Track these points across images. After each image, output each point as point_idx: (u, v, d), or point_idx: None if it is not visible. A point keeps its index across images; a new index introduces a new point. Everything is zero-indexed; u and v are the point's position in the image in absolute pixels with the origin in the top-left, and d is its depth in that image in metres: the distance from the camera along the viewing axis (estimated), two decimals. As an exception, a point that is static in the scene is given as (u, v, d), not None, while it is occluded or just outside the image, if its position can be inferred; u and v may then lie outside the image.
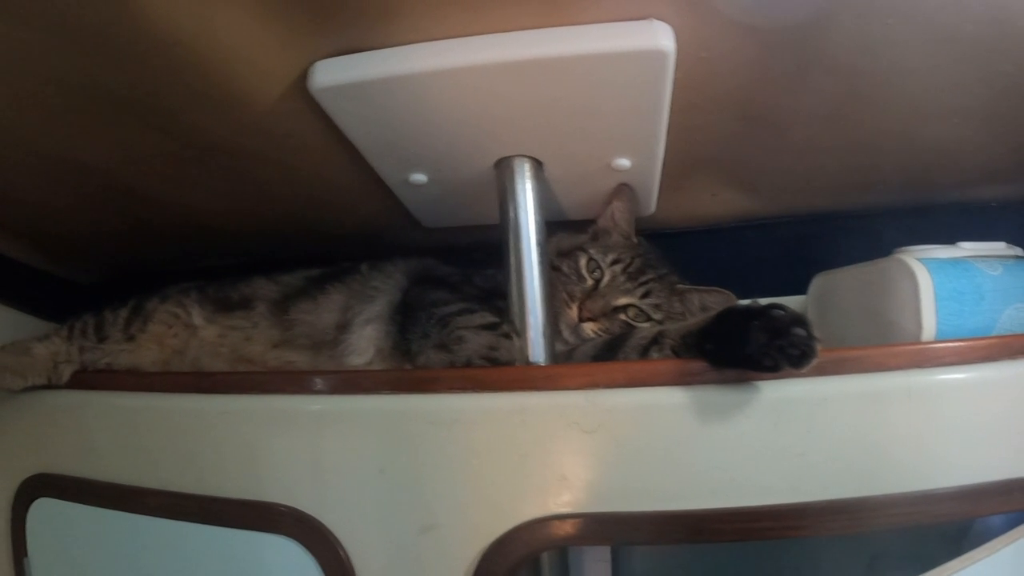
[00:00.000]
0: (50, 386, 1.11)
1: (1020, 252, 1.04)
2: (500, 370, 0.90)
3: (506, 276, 0.98)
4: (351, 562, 0.89)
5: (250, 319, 1.21)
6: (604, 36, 0.79)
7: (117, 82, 0.85)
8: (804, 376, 0.79)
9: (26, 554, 1.11)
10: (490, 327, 0.97)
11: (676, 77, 0.84)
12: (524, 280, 0.97)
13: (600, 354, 1.00)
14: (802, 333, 0.77)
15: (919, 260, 0.99)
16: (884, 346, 0.87)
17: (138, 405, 1.04)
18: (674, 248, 1.23)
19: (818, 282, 1.19)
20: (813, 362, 0.76)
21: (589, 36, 0.79)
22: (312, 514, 0.90)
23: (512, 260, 0.98)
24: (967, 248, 1.02)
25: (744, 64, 0.88)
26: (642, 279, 1.14)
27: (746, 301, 0.85)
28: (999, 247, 1.03)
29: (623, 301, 1.12)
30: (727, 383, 0.82)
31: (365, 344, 1.12)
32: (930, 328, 0.95)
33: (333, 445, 0.92)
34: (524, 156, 0.99)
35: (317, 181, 1.13)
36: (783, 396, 0.82)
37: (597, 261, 1.15)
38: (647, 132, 0.95)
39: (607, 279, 1.14)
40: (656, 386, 0.83)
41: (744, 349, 0.78)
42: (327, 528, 0.90)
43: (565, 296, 1.12)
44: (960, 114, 1.03)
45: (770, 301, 1.19)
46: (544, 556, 0.92)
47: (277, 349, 1.17)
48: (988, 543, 0.86)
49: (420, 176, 1.05)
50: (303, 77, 0.85)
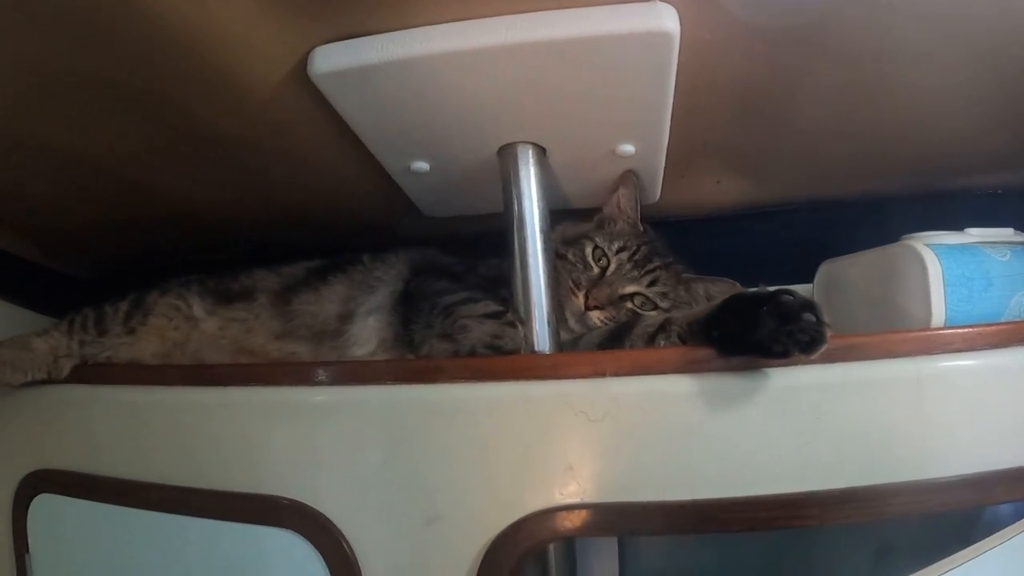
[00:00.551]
0: (50, 381, 1.10)
1: (1027, 238, 1.03)
2: (504, 359, 0.89)
3: (510, 264, 0.97)
4: (355, 555, 0.88)
5: (251, 310, 1.20)
6: (608, 18, 0.77)
7: (113, 71, 0.84)
8: (812, 363, 0.78)
9: (27, 550, 1.10)
10: (494, 316, 0.96)
11: (680, 60, 0.83)
12: (528, 268, 0.96)
13: (606, 342, 0.99)
14: (812, 319, 0.76)
15: (927, 246, 0.98)
16: (893, 332, 0.86)
17: (139, 399, 1.03)
18: (678, 237, 1.22)
19: (824, 270, 1.18)
20: (823, 348, 0.76)
21: (593, 18, 0.78)
22: (315, 507, 0.89)
23: (516, 248, 0.97)
24: (975, 234, 1.02)
25: (748, 47, 0.87)
26: (648, 267, 1.13)
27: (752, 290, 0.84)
28: (1007, 233, 1.03)
29: (630, 289, 1.11)
30: (735, 371, 0.82)
31: (368, 335, 1.11)
32: (939, 314, 0.95)
33: (336, 437, 0.91)
34: (527, 143, 0.98)
35: (318, 171, 1.12)
36: (791, 383, 0.81)
37: (603, 249, 1.15)
38: (651, 117, 0.94)
39: (613, 267, 1.13)
40: (663, 374, 0.83)
41: (753, 335, 0.78)
42: (330, 521, 0.89)
43: (571, 284, 1.12)
44: (966, 99, 1.02)
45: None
46: (551, 548, 0.91)
47: (279, 340, 1.16)
48: (998, 532, 0.85)
49: (422, 164, 1.04)
50: (303, 63, 0.83)
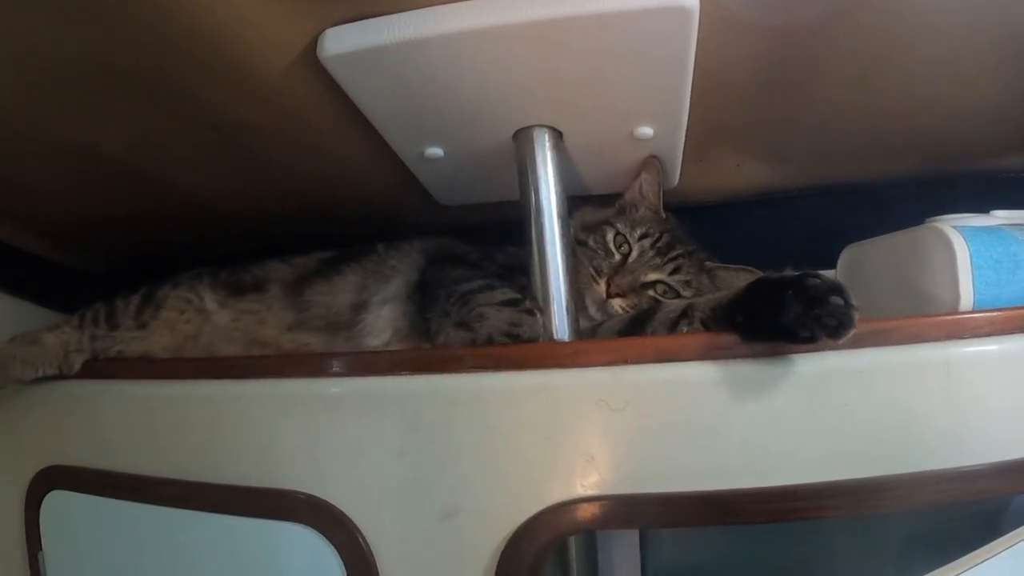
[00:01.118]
0: (61, 376, 1.09)
1: (1054, 220, 1.01)
2: (523, 347, 0.87)
3: (527, 251, 0.96)
4: (371, 549, 0.87)
5: (264, 302, 1.19)
6: (624, -7, 0.75)
7: (120, 57, 0.83)
8: (839, 348, 0.76)
9: (40, 548, 1.09)
10: (512, 303, 0.94)
11: (699, 38, 0.81)
12: (546, 255, 0.94)
13: (627, 329, 0.97)
14: (839, 302, 0.74)
15: (955, 228, 0.95)
16: (921, 316, 0.84)
17: (151, 393, 1.02)
18: (697, 223, 1.20)
19: (847, 255, 1.16)
20: (851, 332, 0.74)
21: (608, -7, 0.76)
22: (330, 501, 0.88)
23: (533, 234, 0.95)
24: (1001, 216, 1.00)
25: (767, 22, 0.85)
26: (671, 255, 1.12)
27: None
28: (1033, 215, 1.00)
29: (652, 277, 1.10)
30: (759, 357, 0.79)
31: (383, 324, 1.10)
32: (967, 298, 0.92)
33: (350, 429, 0.89)
34: (544, 126, 0.96)
35: (329, 158, 1.10)
36: (817, 370, 0.79)
37: (625, 235, 1.13)
38: (670, 97, 0.92)
39: (635, 254, 1.12)
40: (686, 361, 0.81)
41: (778, 320, 0.76)
42: (345, 515, 0.87)
43: (592, 271, 1.10)
44: (990, 76, 1.00)
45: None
46: (571, 541, 0.89)
47: (292, 332, 1.15)
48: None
49: (436, 150, 1.03)
50: (313, 46, 0.82)
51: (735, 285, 1.07)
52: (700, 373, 0.80)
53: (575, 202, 1.04)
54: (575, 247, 1.13)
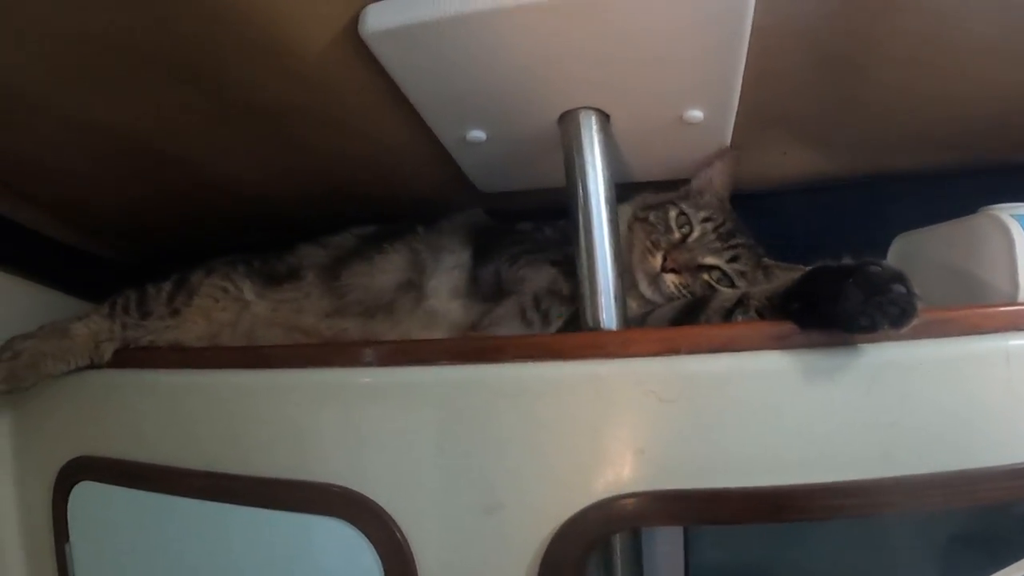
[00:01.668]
0: (92, 366, 1.08)
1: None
2: (570, 336, 0.86)
3: (574, 237, 0.93)
4: (409, 545, 0.85)
5: (301, 289, 1.18)
6: (680, -33, 0.73)
7: (153, 36, 0.81)
8: (897, 339, 0.74)
9: (68, 539, 1.08)
10: (554, 264, 0.94)
11: (753, 16, 0.78)
12: (593, 242, 0.91)
13: (679, 317, 0.95)
14: (902, 290, 0.72)
15: (1012, 216, 0.92)
16: (980, 307, 0.81)
17: (182, 382, 1.00)
18: (743, 211, 1.17)
19: (898, 244, 1.13)
20: (914, 321, 0.71)
21: (664, -33, 0.73)
22: (367, 494, 0.86)
23: (581, 220, 0.92)
24: (1057, 205, 0.97)
25: (824, 1, 0.82)
26: (732, 242, 1.10)
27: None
28: (1088, 204, 0.97)
29: (709, 260, 1.08)
30: (817, 347, 0.77)
31: (442, 288, 1.11)
32: (1027, 287, 0.89)
33: (389, 421, 0.87)
34: (591, 108, 0.93)
35: (366, 142, 1.08)
36: (875, 361, 0.76)
37: (688, 216, 1.12)
38: (722, 78, 0.89)
39: (696, 234, 1.10)
40: (741, 351, 0.78)
41: (838, 308, 0.73)
42: (383, 509, 0.86)
43: (649, 245, 1.09)
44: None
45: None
46: (615, 538, 0.86)
47: (330, 318, 1.14)
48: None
49: (479, 133, 1.00)
50: (354, 22, 0.80)
51: None
52: (755, 364, 0.78)
53: (628, 189, 1.01)
54: (633, 224, 1.13)
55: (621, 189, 0.98)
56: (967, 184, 1.20)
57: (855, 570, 1.12)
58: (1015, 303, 0.88)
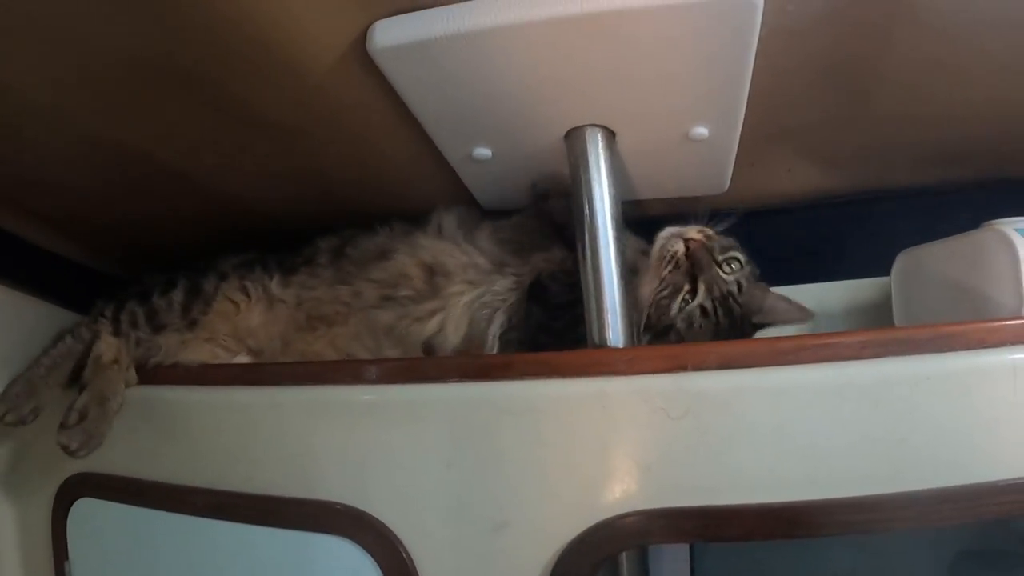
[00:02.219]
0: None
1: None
2: (577, 354, 0.85)
3: (580, 254, 0.93)
4: (414, 564, 0.84)
5: (317, 274, 1.18)
6: (689, -16, 0.73)
7: (158, 51, 0.81)
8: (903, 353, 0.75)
9: (67, 557, 1.07)
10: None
11: (760, 33, 0.78)
12: (600, 259, 0.91)
13: None
14: None
15: (1016, 231, 0.93)
16: (985, 321, 0.80)
17: (184, 399, 1.00)
18: (748, 228, 1.17)
19: (902, 260, 1.14)
20: None
21: (670, -16, 0.73)
22: (371, 513, 0.86)
23: (587, 237, 0.92)
24: (1059, 219, 0.97)
25: (830, 18, 0.82)
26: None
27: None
28: (1089, 218, 0.98)
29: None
30: (824, 361, 0.77)
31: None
32: (1031, 302, 0.90)
33: (394, 438, 0.87)
34: (597, 126, 0.93)
35: (371, 158, 1.08)
36: (883, 376, 0.76)
37: None
38: (728, 95, 0.89)
39: None
40: (748, 367, 0.78)
41: None
42: (388, 528, 0.85)
43: None
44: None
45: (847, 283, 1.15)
46: (623, 555, 0.86)
47: (340, 285, 1.15)
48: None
49: (484, 150, 1.00)
50: (362, 39, 0.79)
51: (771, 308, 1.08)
52: (763, 380, 0.77)
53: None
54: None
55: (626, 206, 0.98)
56: (970, 199, 1.21)
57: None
58: (1021, 317, 0.88)
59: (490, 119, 0.93)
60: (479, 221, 1.19)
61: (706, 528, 0.79)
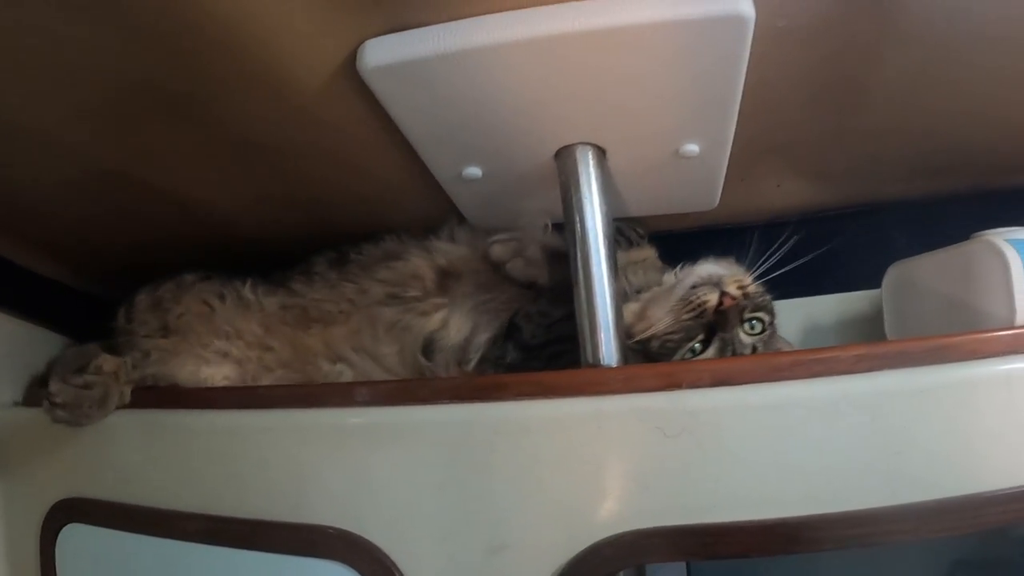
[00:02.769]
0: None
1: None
2: (572, 373, 0.85)
3: (572, 273, 0.93)
4: (409, 588, 0.83)
5: (312, 282, 1.17)
6: (677, 2, 0.73)
7: (148, 72, 0.80)
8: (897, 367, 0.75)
9: (55, 584, 1.05)
10: None
11: (750, 50, 0.79)
12: (592, 276, 0.91)
13: None
14: None
15: (1006, 241, 0.94)
16: (978, 332, 0.80)
17: (175, 423, 0.98)
18: (738, 244, 1.17)
19: (893, 273, 1.14)
20: None
21: (661, 2, 0.73)
22: (366, 536, 0.84)
23: (578, 255, 0.92)
24: (1049, 228, 0.98)
25: (821, 34, 0.83)
26: None
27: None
28: (1079, 227, 0.99)
29: None
30: (819, 376, 0.76)
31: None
32: (1023, 311, 0.90)
33: (387, 461, 0.86)
34: (587, 144, 0.93)
35: (360, 177, 1.07)
36: (878, 389, 0.76)
37: None
38: (719, 112, 0.89)
39: None
40: (743, 384, 0.77)
41: None
42: (382, 551, 0.84)
43: None
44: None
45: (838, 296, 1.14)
46: (620, 575, 0.85)
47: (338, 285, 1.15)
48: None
49: (475, 170, 1.00)
50: (352, 59, 0.79)
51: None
52: (759, 396, 0.77)
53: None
54: None
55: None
56: (960, 210, 1.22)
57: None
58: (1013, 327, 0.88)
59: (480, 138, 0.93)
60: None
61: (704, 546, 0.78)
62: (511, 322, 1.05)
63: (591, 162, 0.93)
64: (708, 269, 1.02)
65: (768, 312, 1.03)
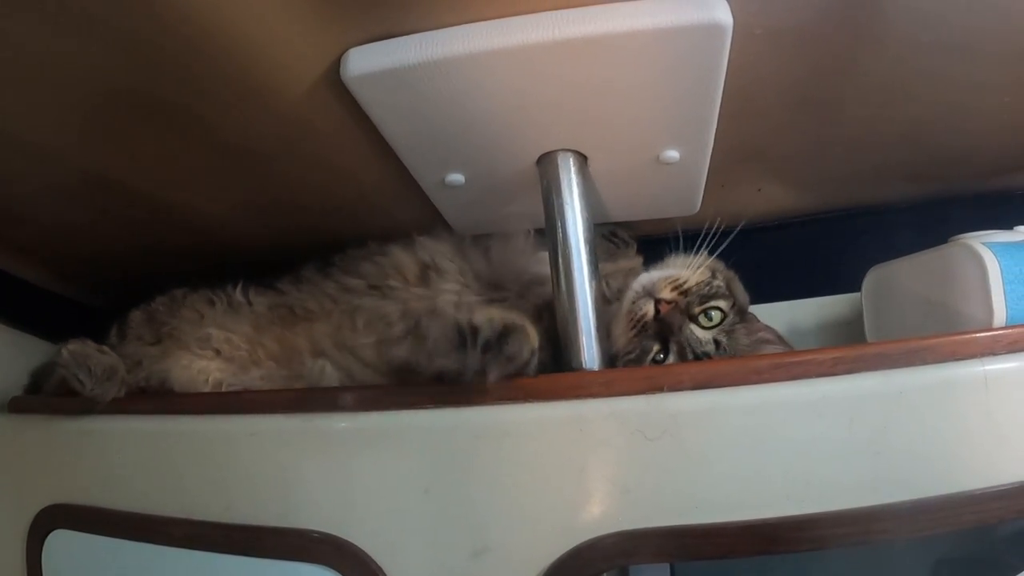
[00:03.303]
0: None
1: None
2: (553, 378, 0.85)
3: (554, 278, 0.93)
4: (394, 591, 0.83)
5: (300, 283, 1.19)
6: (656, 11, 0.74)
7: (133, 80, 0.81)
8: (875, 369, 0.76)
9: (42, 591, 1.05)
10: None
11: (729, 58, 0.80)
12: (573, 281, 0.91)
13: None
14: None
15: (984, 244, 0.94)
16: (956, 333, 0.81)
17: (161, 428, 0.98)
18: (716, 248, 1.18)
19: (872, 276, 1.15)
20: None
21: (640, 11, 0.74)
22: (351, 540, 0.85)
23: (560, 261, 0.92)
24: (1025, 232, 0.99)
25: (798, 42, 0.84)
26: None
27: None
28: (1057, 230, 1.00)
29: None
30: (798, 379, 0.77)
31: None
32: (1000, 313, 0.91)
33: (371, 465, 0.86)
34: (568, 150, 0.94)
35: (344, 186, 1.08)
36: (857, 391, 0.77)
37: None
38: (699, 118, 0.90)
39: None
40: (723, 387, 0.78)
41: None
42: (368, 555, 0.84)
43: None
44: (1013, 95, 1.00)
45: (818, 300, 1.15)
46: (603, 576, 0.86)
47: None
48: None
49: (457, 176, 1.00)
50: (335, 67, 0.80)
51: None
52: (739, 399, 0.78)
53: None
54: None
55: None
56: (938, 214, 1.23)
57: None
58: (990, 328, 0.88)
59: (463, 145, 0.94)
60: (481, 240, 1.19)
61: (686, 547, 0.79)
62: None
63: (572, 168, 0.94)
64: (642, 280, 1.02)
65: (724, 298, 1.02)
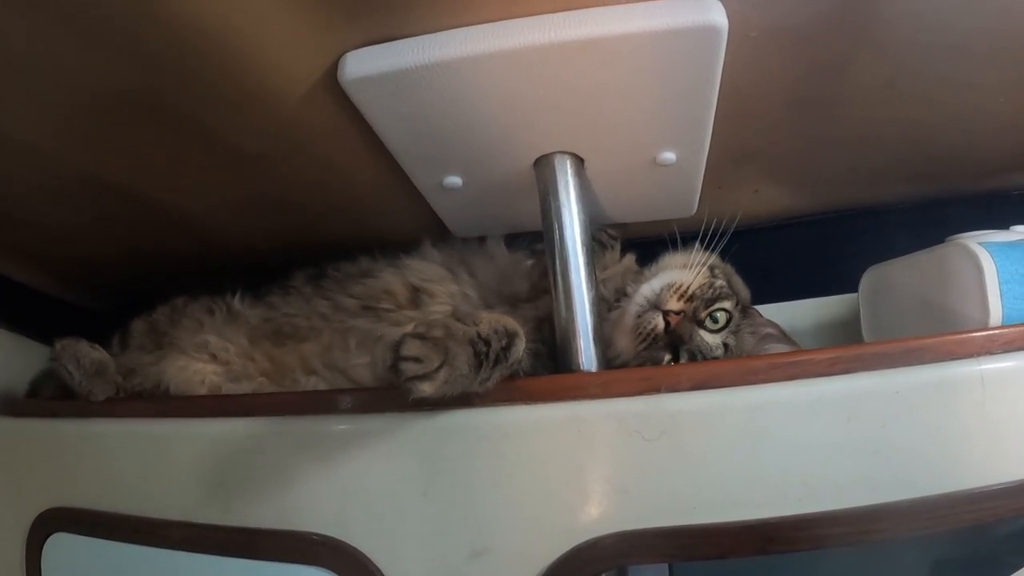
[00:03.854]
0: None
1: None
2: (551, 379, 0.86)
3: (552, 280, 0.93)
4: (393, 593, 0.83)
5: (289, 293, 1.20)
6: (651, 13, 0.74)
7: (132, 83, 0.82)
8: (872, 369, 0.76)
9: (41, 594, 1.05)
10: None
11: (725, 60, 0.80)
12: (571, 283, 0.92)
13: None
14: None
15: (980, 244, 0.95)
16: (952, 333, 0.82)
17: (160, 432, 0.98)
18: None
19: (869, 276, 1.16)
20: None
21: (635, 14, 0.75)
22: (350, 543, 0.85)
23: (557, 263, 0.93)
24: (1022, 231, 0.99)
25: (794, 44, 0.84)
26: None
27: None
28: (1054, 229, 1.00)
29: None
30: (795, 379, 0.77)
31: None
32: (996, 313, 0.92)
33: (370, 467, 0.86)
34: (565, 153, 0.95)
35: (343, 189, 1.09)
36: (854, 391, 0.77)
37: None
38: (695, 120, 0.90)
39: None
40: (721, 387, 0.78)
41: None
42: (367, 557, 0.84)
43: None
44: (1008, 95, 1.00)
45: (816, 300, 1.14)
46: (601, 576, 0.86)
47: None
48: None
49: (455, 179, 1.01)
50: (333, 70, 0.80)
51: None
52: (736, 399, 0.78)
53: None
54: None
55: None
56: (934, 215, 1.23)
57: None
58: (987, 328, 0.89)
59: (460, 148, 0.94)
60: (474, 251, 1.19)
61: (684, 547, 0.79)
62: None
63: (569, 171, 0.95)
64: (644, 292, 1.00)
65: (728, 298, 1.02)
